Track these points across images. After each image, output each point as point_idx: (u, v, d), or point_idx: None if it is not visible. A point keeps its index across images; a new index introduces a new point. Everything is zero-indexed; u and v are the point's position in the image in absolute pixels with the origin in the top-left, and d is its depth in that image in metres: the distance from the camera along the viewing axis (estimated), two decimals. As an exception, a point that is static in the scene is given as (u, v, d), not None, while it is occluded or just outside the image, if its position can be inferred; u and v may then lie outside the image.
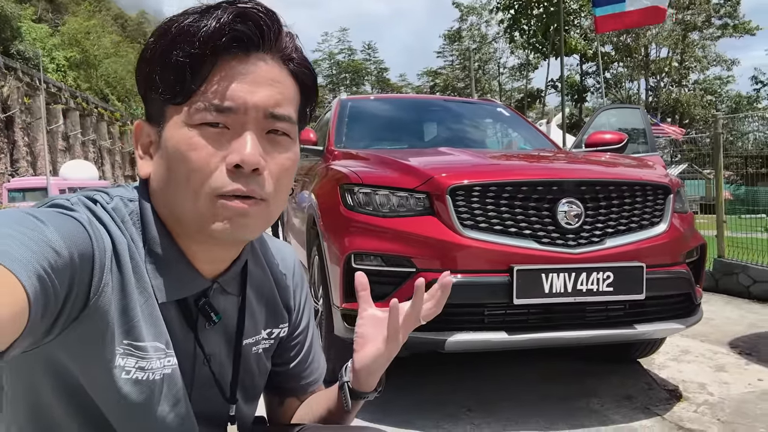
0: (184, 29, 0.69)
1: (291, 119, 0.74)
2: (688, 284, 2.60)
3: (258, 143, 0.70)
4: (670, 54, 38.81)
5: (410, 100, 4.94)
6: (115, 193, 0.76)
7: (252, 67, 0.71)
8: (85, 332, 0.66)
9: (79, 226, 0.64)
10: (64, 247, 0.59)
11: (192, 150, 0.69)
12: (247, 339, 0.87)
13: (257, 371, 0.91)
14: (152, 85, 0.72)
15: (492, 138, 4.44)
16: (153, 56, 0.71)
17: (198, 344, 0.80)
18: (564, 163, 2.91)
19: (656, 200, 2.60)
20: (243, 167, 0.69)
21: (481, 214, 2.40)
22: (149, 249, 0.74)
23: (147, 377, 0.72)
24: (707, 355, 3.54)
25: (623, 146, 3.81)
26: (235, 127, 0.70)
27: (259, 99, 0.70)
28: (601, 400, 2.80)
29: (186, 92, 0.69)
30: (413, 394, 2.86)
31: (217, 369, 0.83)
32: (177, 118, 0.70)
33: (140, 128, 0.77)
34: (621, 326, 2.48)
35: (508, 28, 32.18)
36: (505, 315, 2.39)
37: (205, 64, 0.69)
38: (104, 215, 0.70)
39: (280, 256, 0.96)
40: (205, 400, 0.83)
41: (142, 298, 0.71)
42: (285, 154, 0.74)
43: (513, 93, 48.86)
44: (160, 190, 0.74)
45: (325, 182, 3.01)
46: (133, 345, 0.70)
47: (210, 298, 0.80)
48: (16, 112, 23.56)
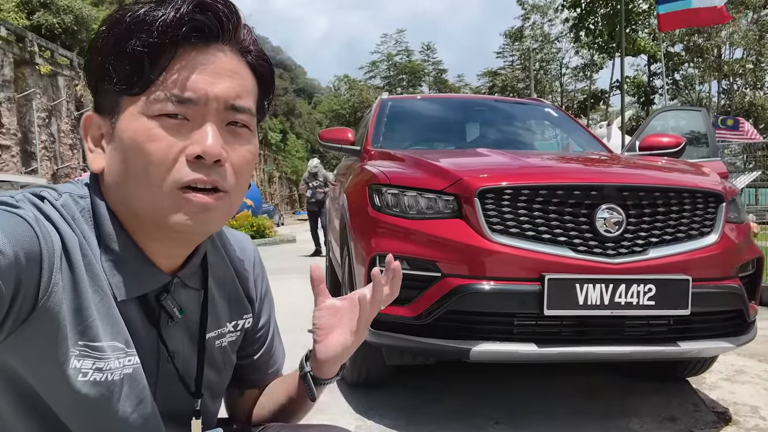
0: (140, 18, 0.67)
1: (251, 111, 0.74)
2: (740, 300, 2.39)
3: (219, 135, 0.69)
4: (745, 55, 36.68)
5: (453, 100, 4.83)
6: (63, 190, 0.73)
7: (212, 58, 0.70)
8: (36, 334, 0.64)
9: (25, 224, 0.62)
10: (9, 246, 0.57)
11: (151, 141, 0.67)
12: (211, 332, 0.86)
13: (222, 365, 0.89)
14: (105, 75, 0.69)
15: (538, 140, 4.28)
16: (106, 45, 0.70)
17: (161, 341, 0.78)
18: (606, 167, 2.74)
19: (707, 209, 2.41)
20: (204, 158, 0.68)
21: (512, 218, 2.29)
22: (104, 246, 0.72)
23: (105, 378, 0.70)
24: (764, 376, 3.27)
25: (680, 150, 3.58)
26: (195, 118, 0.69)
27: (220, 90, 0.69)
28: (642, 420, 2.62)
29: (143, 83, 0.67)
30: (439, 403, 2.77)
31: (181, 365, 0.81)
32: (133, 109, 0.68)
33: (90, 120, 0.75)
34: (663, 343, 2.31)
35: (574, 27, 31.30)
36: (535, 326, 2.27)
37: (164, 54, 0.67)
38: (52, 212, 0.68)
39: (239, 246, 0.95)
40: (170, 397, 0.81)
41: (96, 296, 0.69)
42: (245, 146, 0.74)
43: (576, 94, 47.51)
44: (116, 184, 0.71)
45: (355, 182, 2.96)
46: (89, 345, 0.68)
47: (171, 294, 0.78)
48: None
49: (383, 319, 2.40)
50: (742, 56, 36.84)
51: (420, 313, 2.29)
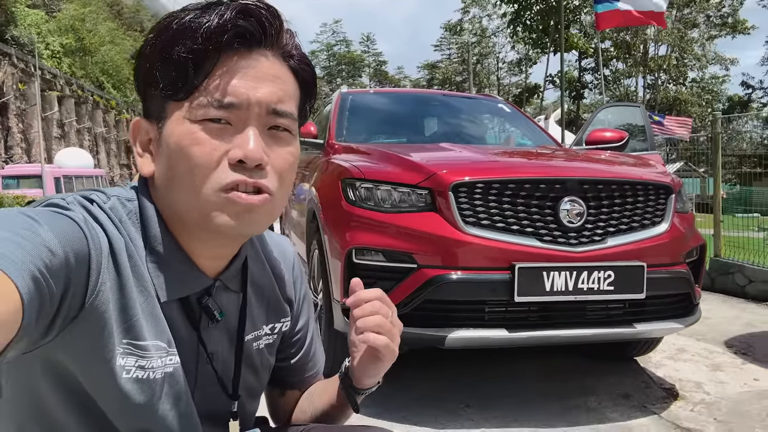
0: (185, 25, 0.69)
1: (292, 115, 0.74)
2: (688, 284, 2.61)
3: (260, 139, 0.70)
4: (669, 52, 38.81)
5: (411, 95, 4.92)
6: (112, 193, 0.75)
7: (254, 63, 0.71)
8: (84, 332, 0.65)
9: (75, 225, 0.64)
10: (59, 246, 0.59)
11: (195, 145, 0.69)
12: (248, 335, 0.87)
13: (260, 367, 0.91)
14: (152, 81, 0.71)
15: (493, 134, 4.43)
16: (153, 52, 0.71)
17: (201, 343, 0.79)
18: (567, 161, 2.90)
19: (658, 200, 2.60)
20: (246, 162, 0.69)
21: (484, 211, 2.39)
22: (150, 248, 0.73)
23: (147, 376, 0.71)
24: (703, 354, 3.55)
25: (624, 144, 3.81)
26: (237, 123, 0.70)
27: (262, 95, 0.70)
28: (599, 398, 2.81)
29: (188, 88, 0.69)
30: (411, 390, 2.86)
31: (219, 367, 0.83)
32: (178, 114, 0.70)
33: (138, 125, 0.76)
34: (621, 325, 2.49)
35: (511, 21, 32.11)
36: (505, 312, 2.39)
37: (207, 60, 0.69)
38: (101, 214, 0.70)
39: (279, 250, 0.96)
40: (208, 398, 0.82)
41: (141, 297, 0.71)
42: (287, 148, 0.75)
43: (511, 88, 48.77)
44: (163, 187, 0.73)
45: (326, 176, 2.99)
46: (133, 344, 0.69)
47: (213, 296, 0.79)
48: (10, 99, 23.39)
49: (359, 310, 2.46)
50: (667, 53, 38.92)
51: (397, 304, 2.34)
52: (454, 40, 51.22)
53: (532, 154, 3.14)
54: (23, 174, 20.84)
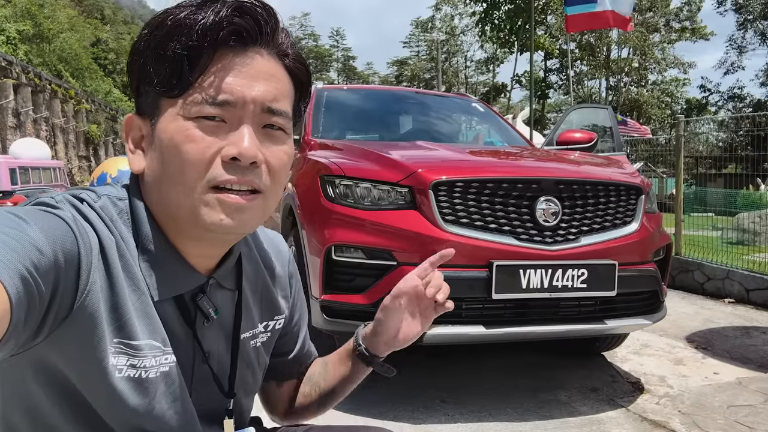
0: (180, 21, 0.68)
1: (287, 114, 0.75)
2: (656, 282, 2.70)
3: (255, 137, 0.70)
4: (631, 54, 39.84)
5: (387, 92, 4.93)
6: (102, 192, 0.74)
7: (249, 61, 0.71)
8: (75, 332, 0.64)
9: (64, 224, 0.63)
10: (48, 245, 0.58)
11: (188, 142, 0.68)
12: (245, 333, 0.86)
13: (256, 365, 0.91)
14: (146, 77, 0.70)
15: (466, 133, 4.48)
16: (147, 48, 0.70)
17: (196, 341, 0.79)
18: (543, 162, 2.96)
19: (629, 200, 2.68)
20: (240, 160, 0.69)
21: (463, 209, 2.43)
22: (142, 247, 0.72)
23: (140, 375, 0.71)
24: (666, 349, 3.69)
25: (593, 145, 3.91)
26: (231, 120, 0.70)
27: (257, 93, 0.70)
28: (569, 392, 2.89)
29: (183, 85, 0.69)
30: (387, 386, 2.88)
31: (215, 365, 0.82)
32: (172, 111, 0.69)
33: (131, 122, 0.76)
34: (592, 321, 2.56)
35: (480, 21, 32.39)
36: (483, 309, 2.43)
37: (202, 57, 0.68)
38: (90, 213, 0.69)
39: (272, 246, 0.96)
40: (205, 396, 0.82)
41: (134, 296, 0.70)
42: (281, 147, 0.75)
43: (478, 86, 49.27)
44: (155, 184, 0.73)
45: (304, 172, 2.98)
46: (125, 343, 0.69)
47: (207, 294, 0.79)
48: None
49: (338, 307, 2.47)
50: (629, 55, 39.92)
51: (376, 301, 2.38)
52: (423, 37, 51.42)
53: (509, 153, 3.20)
54: (-24, 164, 20.03)
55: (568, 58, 13.83)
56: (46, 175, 22.16)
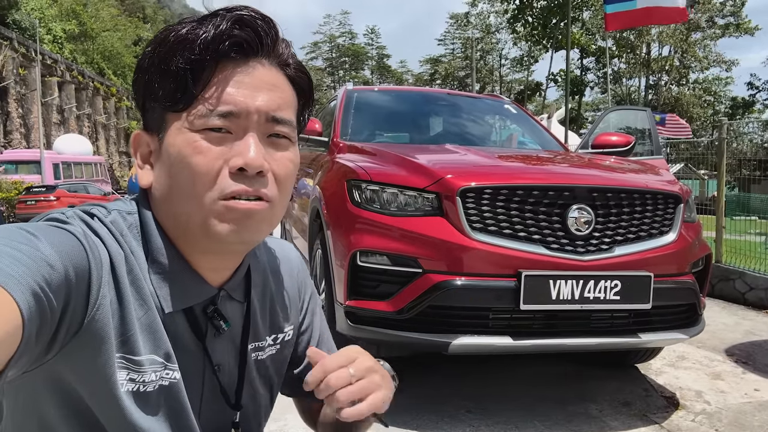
0: (182, 37, 0.70)
1: (291, 123, 0.75)
2: (694, 295, 2.59)
3: (261, 146, 0.71)
4: (672, 52, 38.74)
5: (417, 94, 4.88)
6: (112, 207, 0.75)
7: (251, 71, 0.72)
8: (86, 347, 0.65)
9: (74, 240, 0.64)
10: (59, 261, 0.59)
11: (196, 154, 0.69)
12: (250, 345, 0.86)
13: (266, 380, 0.90)
14: (151, 93, 0.72)
15: (498, 135, 4.40)
16: (152, 65, 0.71)
17: (206, 354, 0.79)
18: (576, 168, 2.87)
19: (666, 209, 2.58)
20: (247, 170, 0.69)
21: (491, 217, 2.37)
22: (152, 259, 0.73)
23: (138, 389, 0.70)
24: (704, 362, 3.55)
25: (630, 149, 3.78)
26: (237, 131, 0.71)
27: (261, 103, 0.71)
28: (599, 405, 2.80)
29: (187, 98, 0.70)
30: (412, 395, 2.84)
31: (225, 378, 0.82)
32: (178, 125, 0.71)
33: (139, 138, 0.77)
34: (625, 335, 2.47)
35: (512, 18, 32.01)
36: (510, 320, 2.37)
37: (205, 70, 0.70)
38: (101, 228, 0.70)
39: (282, 255, 0.95)
40: (215, 411, 0.81)
41: (141, 311, 0.71)
42: (286, 155, 0.75)
43: (513, 85, 48.70)
44: (163, 198, 0.73)
45: (331, 176, 2.96)
46: (126, 358, 0.69)
47: (218, 306, 0.79)
48: (10, 83, 23.26)
49: (362, 313, 2.45)
50: (669, 53, 38.84)
51: (401, 308, 2.34)
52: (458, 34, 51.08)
53: (540, 159, 3.12)
54: (22, 159, 20.75)
55: (606, 56, 13.49)
56: (88, 170, 22.82)
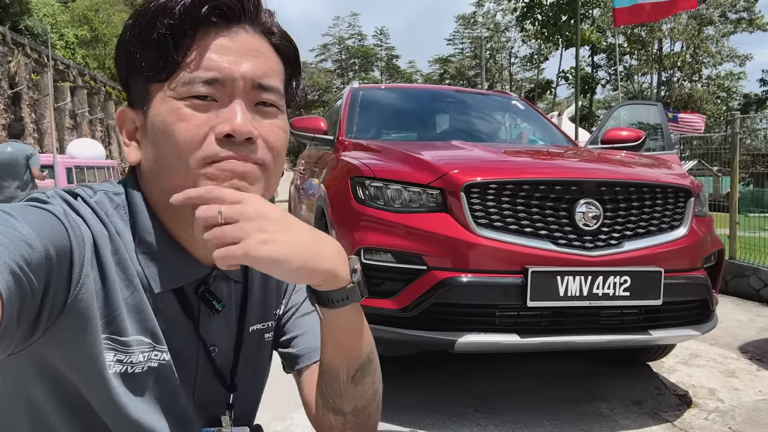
0: (162, 5, 0.68)
1: (278, 90, 0.73)
2: (706, 290, 2.53)
3: (248, 113, 0.69)
4: (684, 48, 38.32)
5: (423, 91, 4.85)
6: (99, 188, 0.74)
7: (234, 36, 0.70)
8: (70, 328, 0.64)
9: (54, 219, 0.62)
10: (38, 240, 0.57)
11: (180, 121, 0.67)
12: (257, 325, 0.85)
13: (259, 360, 0.88)
14: (134, 65, 0.70)
15: (505, 132, 4.36)
16: (133, 36, 0.70)
17: (198, 335, 0.77)
18: (583, 162, 2.83)
19: (677, 203, 2.52)
20: (235, 136, 0.67)
21: (497, 212, 2.33)
22: (140, 239, 0.71)
23: (125, 370, 0.69)
24: (717, 359, 3.48)
25: (641, 144, 3.72)
26: (222, 98, 0.68)
27: (246, 69, 0.69)
28: (610, 404, 2.75)
29: (170, 67, 0.68)
30: (418, 394, 2.81)
31: (221, 358, 0.80)
32: (162, 94, 0.69)
33: (124, 114, 0.75)
34: (635, 332, 2.42)
35: (521, 17, 31.86)
36: (517, 317, 2.33)
37: (185, 36, 0.68)
38: (83, 208, 0.69)
39: None
40: (209, 391, 0.80)
41: (127, 291, 0.69)
42: (275, 121, 0.73)
43: (523, 83, 48.47)
44: (151, 173, 0.71)
45: (335, 173, 2.94)
46: (113, 338, 0.68)
47: (210, 286, 0.76)
48: (23, 89, 23.53)
49: (367, 311, 2.40)
50: (681, 49, 38.44)
51: (405, 306, 2.31)
52: (467, 33, 50.94)
53: (547, 153, 3.07)
54: (35, 164, 20.95)
55: (615, 53, 13.35)
56: (101, 174, 23.02)
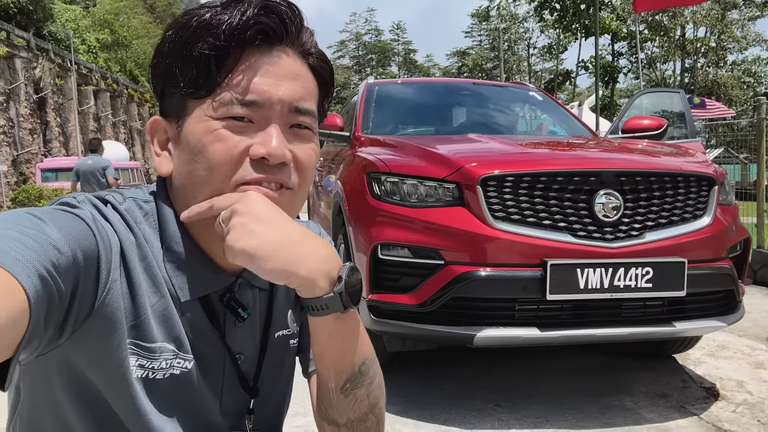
0: (205, 22, 0.68)
1: (313, 113, 0.74)
2: (731, 280, 2.47)
3: (283, 137, 0.70)
4: (708, 34, 37.45)
5: (438, 84, 4.81)
6: (128, 195, 0.75)
7: (275, 60, 0.70)
8: (96, 331, 0.65)
9: (82, 224, 0.63)
10: (66, 244, 0.58)
11: (217, 141, 0.68)
12: (282, 331, 0.85)
13: (291, 363, 0.89)
14: (172, 79, 0.70)
15: (524, 123, 4.31)
16: (173, 50, 0.70)
17: (224, 343, 0.77)
18: (602, 152, 2.78)
19: (700, 192, 2.47)
20: (269, 160, 0.68)
21: (514, 205, 2.31)
22: (167, 247, 0.72)
23: (146, 375, 0.70)
24: (745, 351, 3.40)
25: (662, 132, 3.64)
26: (259, 121, 0.69)
27: (284, 93, 0.70)
28: (635, 397, 2.70)
29: (210, 85, 0.68)
30: (439, 388, 2.80)
31: (246, 366, 0.81)
32: (199, 112, 0.69)
33: (156, 124, 0.75)
34: (659, 324, 2.38)
35: (539, 6, 31.47)
36: (537, 310, 2.31)
37: (229, 57, 0.68)
38: (112, 214, 0.69)
39: None
40: (235, 399, 0.81)
41: (154, 298, 0.70)
42: (308, 145, 0.74)
43: (543, 74, 47.91)
44: (183, 186, 0.72)
45: (351, 169, 2.94)
46: (136, 343, 0.69)
47: (236, 294, 0.77)
48: (48, 93, 24.00)
49: (385, 307, 2.41)
50: (705, 35, 37.59)
51: (423, 301, 2.30)
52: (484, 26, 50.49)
53: (565, 144, 3.03)
54: (61, 167, 21.36)
55: (636, 40, 13.10)
56: (125, 176, 23.37)
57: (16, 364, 0.56)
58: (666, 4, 8.61)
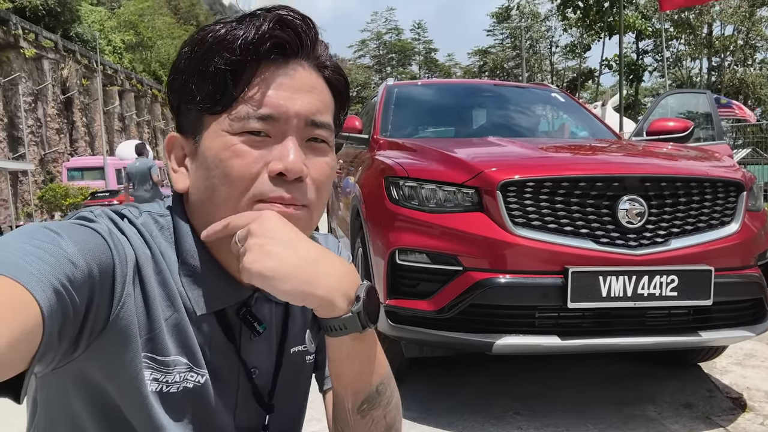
0: (221, 37, 0.68)
1: (329, 126, 0.74)
2: (760, 289, 2.40)
3: (300, 151, 0.70)
4: (735, 32, 36.62)
5: (458, 86, 4.77)
6: (145, 209, 0.75)
7: (291, 73, 0.70)
8: (112, 344, 0.65)
9: (99, 237, 0.64)
10: (82, 258, 0.59)
11: (235, 157, 0.68)
12: (298, 347, 0.85)
13: (307, 379, 0.88)
14: (188, 95, 0.71)
15: (545, 126, 4.24)
16: (189, 66, 0.70)
17: (239, 357, 0.77)
18: (625, 156, 2.71)
19: (727, 198, 2.40)
20: (286, 175, 0.68)
21: (534, 211, 2.26)
22: (183, 261, 0.72)
23: (161, 389, 0.70)
24: (775, 360, 3.30)
25: (688, 135, 3.56)
26: (276, 135, 0.70)
27: (301, 107, 0.70)
28: (659, 407, 2.64)
29: (226, 101, 0.68)
30: (457, 395, 2.77)
31: (262, 380, 0.80)
32: (216, 127, 0.69)
33: (173, 140, 0.76)
34: (684, 333, 2.31)
35: (562, 5, 31.12)
36: (557, 318, 2.26)
37: (246, 72, 0.68)
38: (129, 228, 0.70)
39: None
40: (250, 414, 0.80)
41: (168, 311, 0.70)
42: (324, 159, 0.74)
43: (566, 73, 47.36)
44: (200, 202, 0.72)
45: (370, 173, 2.92)
46: (150, 357, 0.69)
47: (252, 308, 0.77)
48: (74, 94, 24.45)
49: (403, 313, 2.39)
50: (732, 33, 36.80)
51: (442, 307, 2.27)
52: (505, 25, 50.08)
53: (588, 148, 2.97)
54: (87, 166, 21.78)
55: (662, 38, 12.89)
56: (148, 174, 23.74)
57: (31, 377, 0.56)
58: (693, 2, 8.43)
